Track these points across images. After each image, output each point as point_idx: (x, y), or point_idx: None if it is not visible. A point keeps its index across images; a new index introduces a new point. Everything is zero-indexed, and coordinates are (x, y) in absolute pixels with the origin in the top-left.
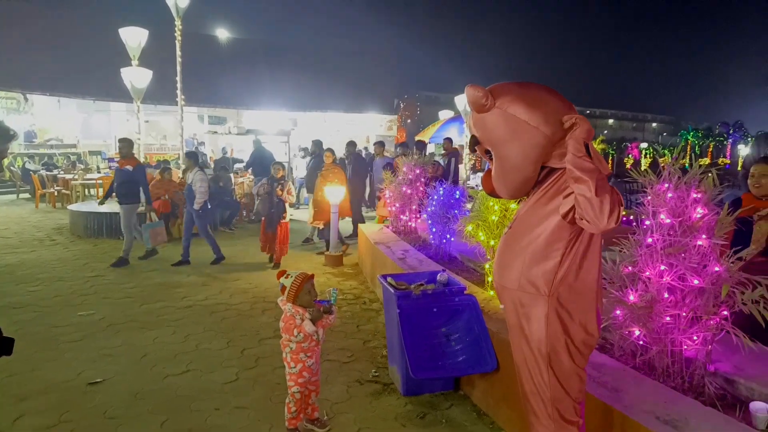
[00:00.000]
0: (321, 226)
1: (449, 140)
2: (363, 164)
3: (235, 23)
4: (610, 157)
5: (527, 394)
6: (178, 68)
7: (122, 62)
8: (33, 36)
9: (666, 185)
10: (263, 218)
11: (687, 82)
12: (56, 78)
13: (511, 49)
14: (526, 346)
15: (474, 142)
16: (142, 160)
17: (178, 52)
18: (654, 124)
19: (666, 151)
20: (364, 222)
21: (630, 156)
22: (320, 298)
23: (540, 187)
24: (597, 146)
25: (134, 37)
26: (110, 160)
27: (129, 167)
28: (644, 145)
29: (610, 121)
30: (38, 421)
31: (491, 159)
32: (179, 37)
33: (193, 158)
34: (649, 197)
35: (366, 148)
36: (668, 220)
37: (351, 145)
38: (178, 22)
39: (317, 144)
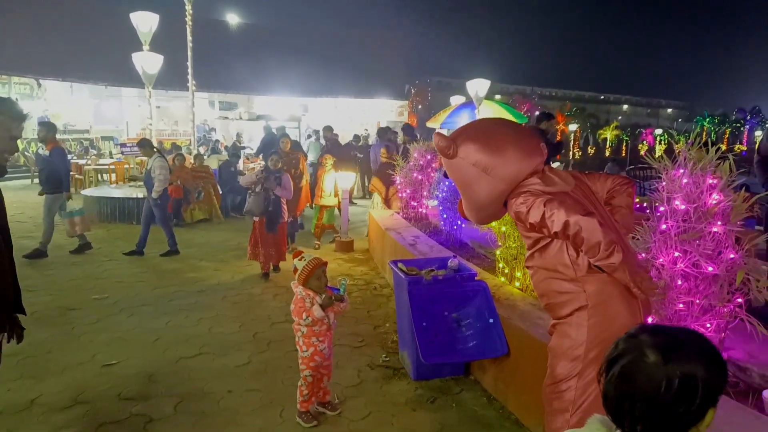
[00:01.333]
0: (289, 219)
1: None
2: (340, 150)
3: (245, 8)
4: (624, 143)
5: None
6: (189, 53)
7: (134, 47)
8: (45, 21)
9: (681, 171)
10: (256, 219)
11: (702, 68)
12: (68, 63)
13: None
14: None
15: (445, 175)
16: (154, 144)
17: (189, 37)
18: (669, 110)
19: (681, 138)
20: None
21: (644, 142)
22: (331, 285)
23: None
24: (611, 132)
25: (145, 22)
26: (122, 145)
27: (47, 152)
28: (659, 131)
29: (624, 107)
30: (54, 401)
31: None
32: (190, 23)
33: (148, 146)
34: (664, 183)
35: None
36: (683, 206)
37: (327, 129)
38: (188, 7)
39: (328, 129)
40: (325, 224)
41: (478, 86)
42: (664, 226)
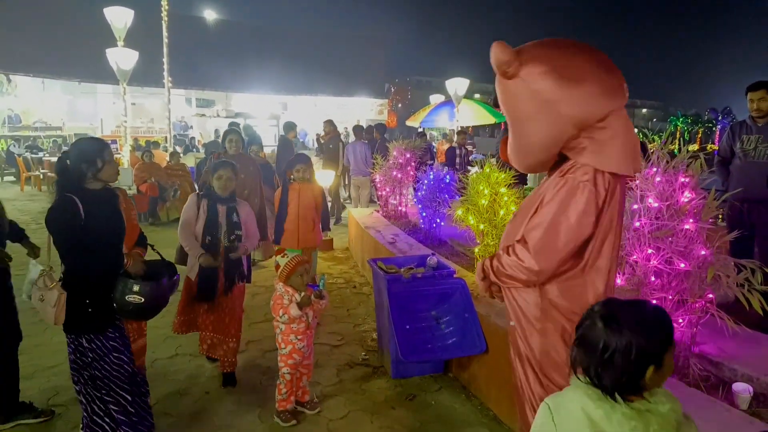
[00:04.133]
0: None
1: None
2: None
3: (223, 4)
4: None
5: None
6: (165, 50)
7: (108, 43)
8: (16, 16)
9: (654, 169)
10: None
11: (676, 69)
12: (40, 59)
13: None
14: None
15: (494, 102)
16: (129, 142)
17: (165, 33)
18: (644, 110)
19: (656, 137)
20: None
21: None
22: (311, 283)
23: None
24: None
25: (120, 18)
26: None
27: None
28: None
29: None
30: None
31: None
32: (166, 18)
33: None
34: (638, 181)
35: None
36: (656, 204)
37: (286, 126)
38: (164, 3)
39: (330, 123)
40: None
41: (457, 85)
42: (637, 224)
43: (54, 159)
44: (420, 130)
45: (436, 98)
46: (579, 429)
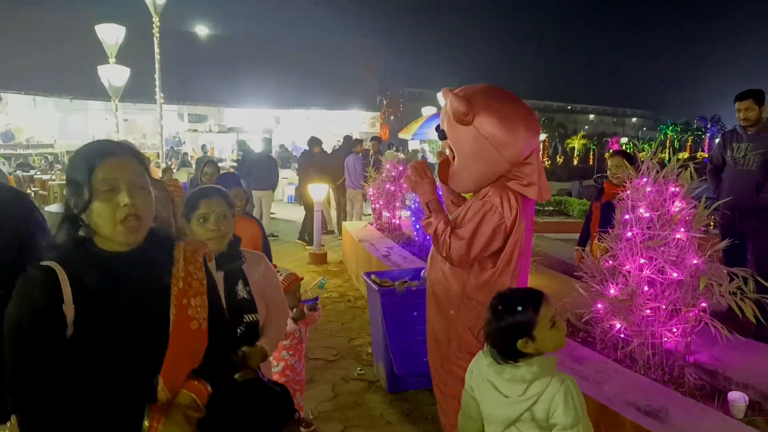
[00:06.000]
0: None
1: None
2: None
3: (214, 19)
4: (591, 152)
5: None
6: (157, 66)
7: (100, 59)
8: (7, 33)
9: (645, 179)
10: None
11: (666, 77)
12: (32, 76)
13: (493, 45)
14: None
15: (442, 136)
16: None
17: (156, 50)
18: (634, 119)
19: (646, 146)
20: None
21: (611, 150)
22: (307, 294)
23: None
24: (578, 141)
25: (111, 35)
26: None
27: None
28: (624, 140)
29: (591, 116)
30: None
31: (453, 154)
32: (157, 34)
33: None
34: (629, 191)
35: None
36: (647, 214)
37: (311, 141)
38: (155, 19)
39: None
40: None
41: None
42: (629, 234)
43: (46, 176)
44: (414, 144)
45: (428, 110)
46: (482, 384)
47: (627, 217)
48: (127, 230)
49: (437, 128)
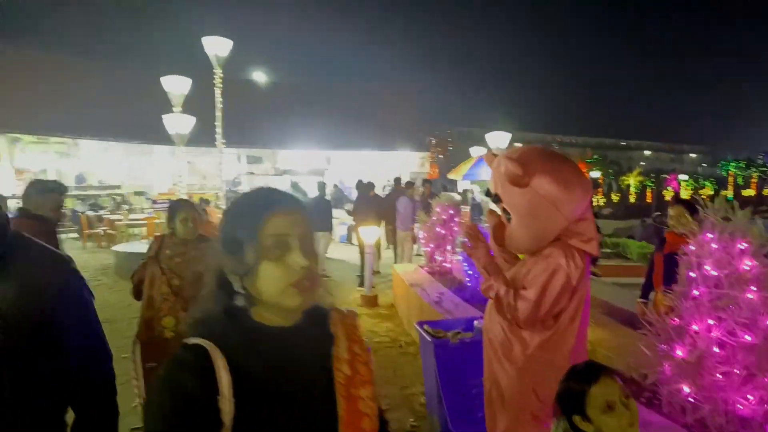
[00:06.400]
0: None
1: None
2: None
3: (271, 67)
4: (648, 190)
5: None
6: (218, 114)
7: (165, 108)
8: (81, 86)
9: (710, 236)
10: None
11: (724, 111)
12: (103, 124)
13: (544, 82)
14: None
15: (495, 200)
16: (184, 198)
17: (219, 99)
18: (692, 155)
19: (707, 183)
20: None
21: (669, 188)
22: None
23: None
24: (634, 178)
25: (177, 86)
26: (154, 202)
27: None
28: (684, 177)
29: (646, 152)
30: None
31: (508, 216)
32: (220, 85)
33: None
34: (693, 247)
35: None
36: (714, 272)
37: (367, 186)
38: (218, 71)
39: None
40: None
41: (498, 139)
42: (696, 292)
43: (114, 216)
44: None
45: (476, 150)
46: None
47: (692, 274)
48: (300, 290)
49: (488, 192)
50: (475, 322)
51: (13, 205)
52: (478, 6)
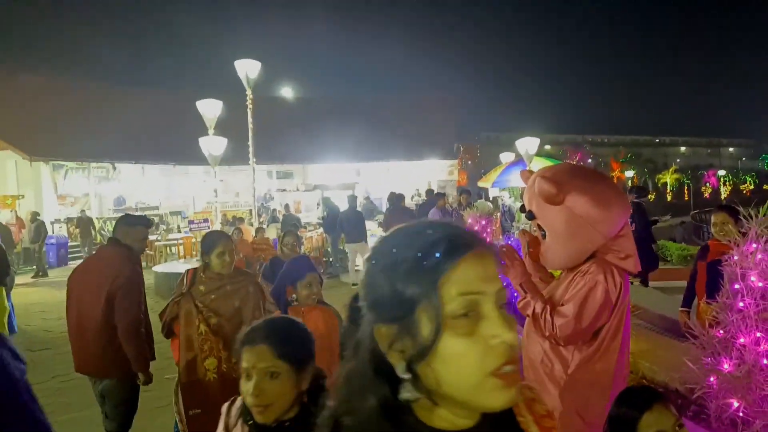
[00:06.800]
0: None
1: None
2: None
3: (299, 83)
4: (686, 187)
5: None
6: (250, 134)
7: (200, 129)
8: (119, 112)
9: (754, 246)
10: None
11: (765, 102)
12: (141, 147)
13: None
14: None
15: (530, 216)
16: (219, 217)
17: (250, 119)
18: (731, 149)
19: (748, 178)
20: None
21: (707, 184)
22: None
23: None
24: (670, 176)
25: (210, 109)
26: (190, 222)
27: None
28: (722, 172)
29: (682, 148)
30: None
31: (543, 233)
32: (251, 106)
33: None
34: (736, 257)
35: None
36: (760, 284)
37: (325, 199)
38: (249, 92)
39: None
40: None
41: (528, 144)
42: (741, 304)
43: (152, 237)
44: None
45: (506, 156)
46: None
47: (737, 286)
48: (505, 382)
49: (522, 209)
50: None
51: (57, 229)
52: (506, 9)
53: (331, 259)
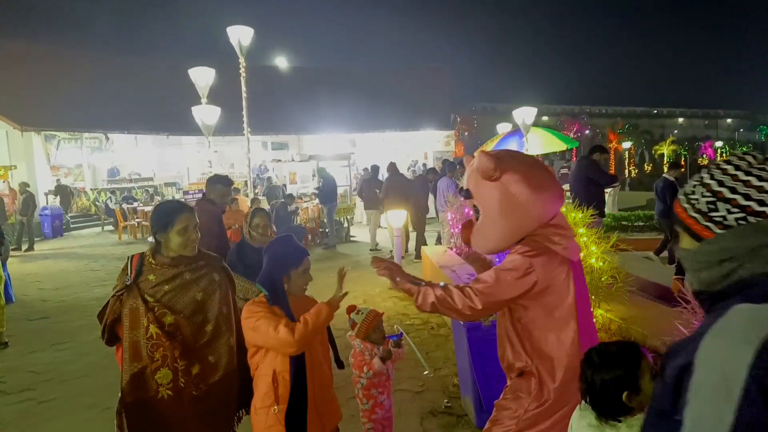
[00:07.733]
0: None
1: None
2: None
3: (294, 52)
4: (683, 158)
5: None
6: (244, 103)
7: (192, 99)
8: (111, 82)
9: None
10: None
11: (763, 73)
12: (133, 118)
13: (570, 53)
14: None
15: (467, 195)
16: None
17: (243, 88)
18: (728, 120)
19: (744, 149)
20: None
21: (704, 156)
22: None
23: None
24: (667, 147)
25: (202, 77)
26: (185, 193)
27: None
28: (719, 143)
29: (680, 119)
30: None
31: (476, 214)
32: (244, 74)
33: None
34: None
35: (424, 165)
36: None
37: (320, 169)
38: (242, 60)
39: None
40: None
41: (525, 114)
42: None
43: (148, 208)
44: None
45: (503, 127)
46: None
47: None
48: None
49: (460, 190)
50: None
51: (51, 200)
52: None
53: (327, 230)
